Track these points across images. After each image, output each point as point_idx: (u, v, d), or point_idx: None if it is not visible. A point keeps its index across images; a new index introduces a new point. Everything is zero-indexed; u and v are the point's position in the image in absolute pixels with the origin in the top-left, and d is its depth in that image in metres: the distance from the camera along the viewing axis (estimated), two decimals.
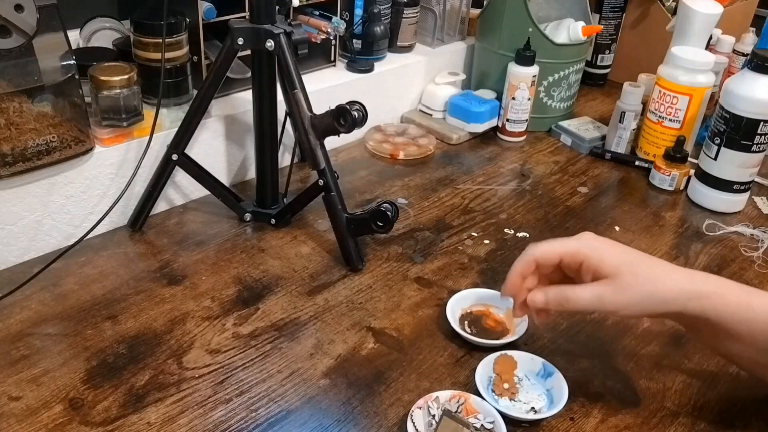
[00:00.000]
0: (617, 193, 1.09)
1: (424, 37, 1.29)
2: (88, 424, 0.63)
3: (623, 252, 0.63)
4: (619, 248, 0.64)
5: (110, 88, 0.83)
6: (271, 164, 0.92)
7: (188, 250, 0.88)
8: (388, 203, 0.84)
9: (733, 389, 0.72)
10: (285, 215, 0.93)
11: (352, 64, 1.16)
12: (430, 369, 0.72)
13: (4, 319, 0.74)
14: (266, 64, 0.84)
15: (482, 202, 1.03)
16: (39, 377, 0.68)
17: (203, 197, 0.98)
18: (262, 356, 0.72)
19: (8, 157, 0.76)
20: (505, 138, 1.22)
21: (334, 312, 0.79)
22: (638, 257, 0.63)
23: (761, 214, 1.05)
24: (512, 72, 1.17)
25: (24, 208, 0.81)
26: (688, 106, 1.08)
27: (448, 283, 0.85)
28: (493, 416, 0.64)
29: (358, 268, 0.86)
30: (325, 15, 1.09)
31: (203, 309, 0.78)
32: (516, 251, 0.91)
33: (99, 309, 0.77)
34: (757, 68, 0.95)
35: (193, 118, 0.87)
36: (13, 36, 0.72)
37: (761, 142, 0.97)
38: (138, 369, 0.69)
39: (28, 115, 0.77)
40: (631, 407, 0.69)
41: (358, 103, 0.82)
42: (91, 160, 0.85)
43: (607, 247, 0.63)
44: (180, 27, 0.90)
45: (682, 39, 1.17)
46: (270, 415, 0.66)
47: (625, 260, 0.62)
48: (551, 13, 1.29)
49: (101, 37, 0.97)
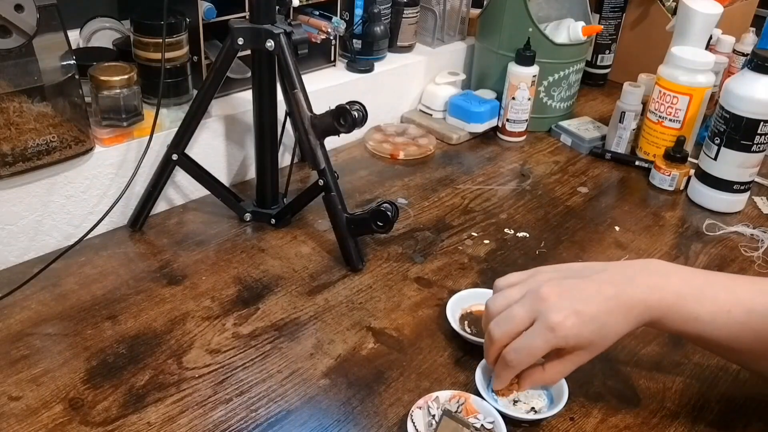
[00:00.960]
0: (617, 193, 1.09)
1: (424, 37, 1.29)
2: (88, 424, 0.63)
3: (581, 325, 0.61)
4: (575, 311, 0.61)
5: (110, 88, 0.83)
6: (271, 164, 0.92)
7: (188, 250, 0.88)
8: (388, 203, 0.84)
9: (733, 389, 0.72)
10: (285, 215, 0.93)
11: (352, 64, 1.16)
12: (430, 369, 0.72)
13: (4, 319, 0.74)
14: (266, 64, 0.84)
15: (482, 202, 1.03)
16: (39, 377, 0.68)
17: (203, 197, 0.98)
18: (262, 356, 0.72)
19: (8, 157, 0.76)
20: (505, 138, 1.22)
21: (334, 312, 0.79)
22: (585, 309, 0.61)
23: (761, 214, 1.05)
24: (512, 72, 1.17)
25: (24, 208, 0.81)
26: (688, 106, 1.08)
27: (448, 283, 0.85)
28: (493, 416, 0.64)
29: (358, 268, 0.86)
30: (325, 15, 1.09)
31: (203, 309, 0.78)
32: (516, 251, 0.92)
33: (99, 309, 0.77)
34: (757, 68, 0.95)
35: (193, 118, 0.87)
36: (13, 36, 0.72)
37: (761, 142, 0.97)
38: (138, 369, 0.69)
39: (28, 115, 0.77)
40: (631, 407, 0.69)
41: (358, 103, 0.82)
42: (91, 160, 0.85)
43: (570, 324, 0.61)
44: (180, 27, 0.90)
45: (682, 39, 1.17)
46: (270, 415, 0.66)
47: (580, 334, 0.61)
48: (551, 13, 1.29)
49: (101, 37, 0.97)
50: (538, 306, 0.61)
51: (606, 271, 0.63)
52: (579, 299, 0.61)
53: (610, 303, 0.60)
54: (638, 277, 0.62)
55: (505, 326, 0.63)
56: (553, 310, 0.60)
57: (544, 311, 0.60)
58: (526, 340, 0.62)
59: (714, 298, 0.61)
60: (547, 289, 0.61)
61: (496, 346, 0.64)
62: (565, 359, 0.63)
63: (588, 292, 0.61)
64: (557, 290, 0.61)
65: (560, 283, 0.62)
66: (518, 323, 0.62)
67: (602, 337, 0.61)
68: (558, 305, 0.60)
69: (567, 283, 0.62)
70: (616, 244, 0.95)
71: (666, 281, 0.62)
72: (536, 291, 0.62)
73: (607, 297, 0.61)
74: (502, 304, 0.64)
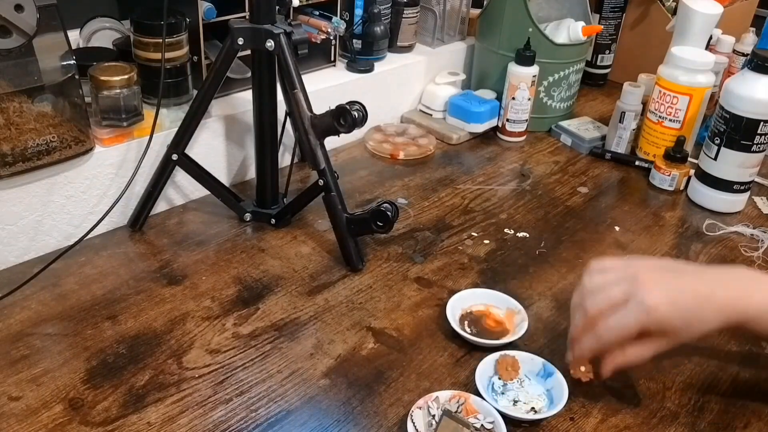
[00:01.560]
0: (617, 193, 1.09)
1: (424, 37, 1.29)
2: (88, 424, 0.63)
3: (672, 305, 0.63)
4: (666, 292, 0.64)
5: (110, 88, 0.83)
6: (271, 164, 0.92)
7: (188, 250, 0.88)
8: (388, 203, 0.84)
9: (733, 389, 0.72)
10: (285, 215, 0.93)
11: (352, 64, 1.16)
12: (430, 369, 0.72)
13: (4, 319, 0.74)
14: (266, 64, 0.84)
15: (482, 202, 1.03)
16: (39, 377, 0.68)
17: (203, 197, 0.98)
18: (262, 356, 0.72)
19: (8, 157, 0.76)
20: (505, 138, 1.22)
21: (334, 312, 0.79)
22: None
23: (761, 214, 1.05)
24: (512, 72, 1.17)
25: (24, 208, 0.81)
26: (688, 106, 1.08)
27: (448, 283, 0.85)
28: (493, 416, 0.64)
29: (358, 268, 0.86)
30: (325, 15, 1.09)
31: (203, 309, 0.78)
32: (516, 251, 0.92)
33: (99, 309, 0.77)
34: (757, 68, 0.95)
35: (193, 118, 0.87)
36: (13, 36, 0.72)
37: (761, 142, 0.97)
38: (138, 369, 0.69)
39: (28, 115, 0.77)
40: (631, 407, 0.69)
41: (358, 103, 0.82)
42: (91, 160, 0.85)
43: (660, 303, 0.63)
44: (180, 27, 0.90)
45: (682, 39, 1.17)
46: (270, 415, 0.66)
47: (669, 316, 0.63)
48: (551, 13, 1.29)
49: (101, 37, 0.97)
50: (635, 288, 0.64)
51: (702, 271, 0.68)
52: (675, 289, 0.64)
53: (703, 299, 0.63)
54: (731, 281, 0.66)
55: (600, 300, 0.65)
56: (651, 292, 0.63)
57: (641, 293, 0.63)
58: (620, 317, 0.64)
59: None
60: (646, 275, 0.65)
61: (588, 317, 0.66)
62: (647, 343, 0.64)
63: (684, 285, 0.64)
64: (655, 277, 0.64)
65: (658, 273, 0.66)
66: (613, 299, 0.64)
67: (690, 327, 0.63)
68: (655, 290, 0.63)
69: (665, 274, 0.66)
70: (616, 244, 0.95)
71: (756, 288, 0.65)
72: (634, 275, 0.65)
73: (701, 294, 0.64)
74: (599, 282, 0.67)
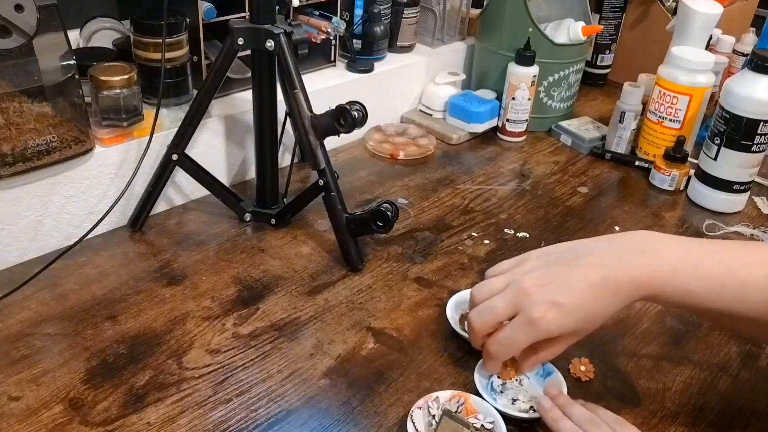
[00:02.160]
0: (617, 193, 1.09)
1: (424, 37, 1.29)
2: (88, 424, 0.63)
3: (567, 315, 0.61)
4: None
5: (110, 88, 0.83)
6: (271, 164, 0.92)
7: (188, 250, 0.88)
8: (388, 203, 0.84)
9: (733, 389, 0.72)
10: (285, 215, 0.93)
11: (352, 64, 1.16)
12: (430, 369, 0.72)
13: (4, 319, 0.74)
14: (266, 64, 0.84)
15: (482, 202, 1.03)
16: (39, 377, 0.68)
17: (203, 197, 0.97)
18: (262, 356, 0.72)
19: (8, 157, 0.76)
20: (505, 138, 1.22)
21: (334, 312, 0.79)
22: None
23: (761, 214, 1.05)
24: (512, 72, 1.17)
25: (24, 208, 0.81)
26: (688, 106, 1.08)
27: (448, 283, 0.85)
28: (493, 416, 0.64)
29: (358, 268, 0.86)
30: (325, 15, 1.09)
31: (203, 309, 0.78)
32: (516, 251, 0.91)
33: (99, 309, 0.77)
34: (757, 68, 0.95)
35: (193, 118, 0.87)
36: (13, 36, 0.71)
37: (761, 142, 0.97)
38: (138, 369, 0.69)
39: (28, 115, 0.77)
40: (631, 407, 0.69)
41: (358, 103, 0.82)
42: (91, 160, 0.85)
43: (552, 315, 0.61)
44: (180, 27, 0.90)
45: (682, 39, 1.17)
46: (270, 415, 0.66)
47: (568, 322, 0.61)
48: (551, 13, 1.29)
49: (101, 37, 0.97)
50: (519, 299, 0.61)
51: (593, 253, 0.62)
52: (562, 290, 0.60)
53: (596, 288, 0.60)
54: (627, 255, 0.61)
55: (485, 317, 0.63)
56: (534, 304, 0.60)
57: (525, 305, 0.61)
58: (508, 333, 0.62)
59: (708, 273, 0.60)
60: (530, 281, 0.61)
61: (476, 335, 0.65)
62: (555, 343, 0.63)
63: (573, 280, 0.61)
64: (540, 282, 0.61)
65: (544, 274, 0.62)
66: (498, 315, 0.63)
67: (588, 322, 0.61)
68: (539, 299, 0.60)
69: (551, 273, 0.62)
70: None
71: (659, 259, 0.60)
72: (519, 282, 0.62)
73: (593, 283, 0.60)
74: (484, 294, 0.64)
